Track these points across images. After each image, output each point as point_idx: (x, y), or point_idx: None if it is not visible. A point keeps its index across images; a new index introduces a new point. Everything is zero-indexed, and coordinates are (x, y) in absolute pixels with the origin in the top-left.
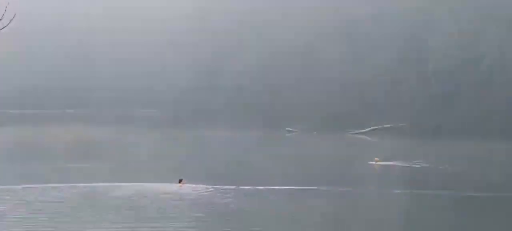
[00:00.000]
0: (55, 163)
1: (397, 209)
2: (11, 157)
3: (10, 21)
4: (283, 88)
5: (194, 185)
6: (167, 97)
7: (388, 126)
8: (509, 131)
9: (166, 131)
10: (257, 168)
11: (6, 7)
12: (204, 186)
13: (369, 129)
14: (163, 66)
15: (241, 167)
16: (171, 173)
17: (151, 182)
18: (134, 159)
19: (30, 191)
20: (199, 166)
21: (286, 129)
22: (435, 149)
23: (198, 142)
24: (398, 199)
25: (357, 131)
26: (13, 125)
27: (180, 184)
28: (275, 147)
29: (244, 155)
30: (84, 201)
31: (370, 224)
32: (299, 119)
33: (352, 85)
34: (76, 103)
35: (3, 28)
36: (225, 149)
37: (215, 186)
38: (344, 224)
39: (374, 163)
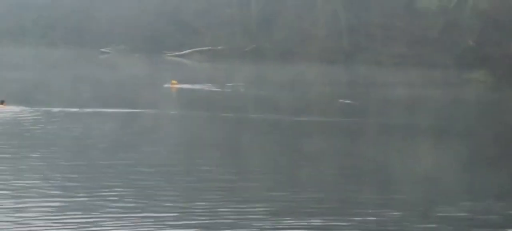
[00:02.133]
0: None
1: (172, 128)
2: None
3: None
4: (97, 7)
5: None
6: None
7: (207, 48)
8: (326, 54)
9: None
10: (60, 88)
11: None
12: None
13: (187, 51)
14: None
15: (51, 88)
16: None
17: None
18: None
19: None
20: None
21: (100, 49)
22: (247, 72)
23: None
24: (177, 119)
25: (174, 53)
26: None
27: (2, 106)
28: (82, 68)
29: (52, 75)
30: None
31: (146, 140)
32: (114, 40)
33: (169, 5)
34: None
35: None
36: (33, 68)
37: (25, 108)
38: (127, 143)
39: (170, 86)
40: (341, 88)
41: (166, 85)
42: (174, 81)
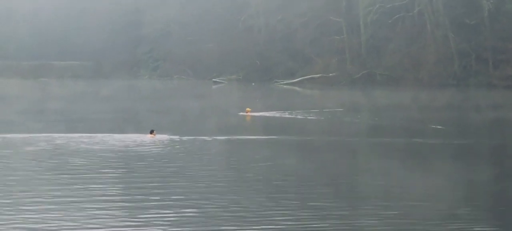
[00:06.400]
0: None
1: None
2: None
3: None
4: (209, 38)
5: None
6: (87, 48)
7: (318, 75)
8: (436, 78)
9: (88, 82)
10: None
11: None
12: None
13: (298, 78)
14: (81, 17)
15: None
16: (113, 124)
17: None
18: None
19: None
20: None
21: (213, 80)
22: (349, 98)
23: (124, 91)
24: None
25: (286, 81)
26: None
27: (151, 135)
28: (194, 100)
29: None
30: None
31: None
32: (227, 70)
33: (280, 34)
34: None
35: None
36: (155, 99)
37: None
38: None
39: (245, 113)
40: (436, 112)
41: (241, 113)
42: (248, 109)
